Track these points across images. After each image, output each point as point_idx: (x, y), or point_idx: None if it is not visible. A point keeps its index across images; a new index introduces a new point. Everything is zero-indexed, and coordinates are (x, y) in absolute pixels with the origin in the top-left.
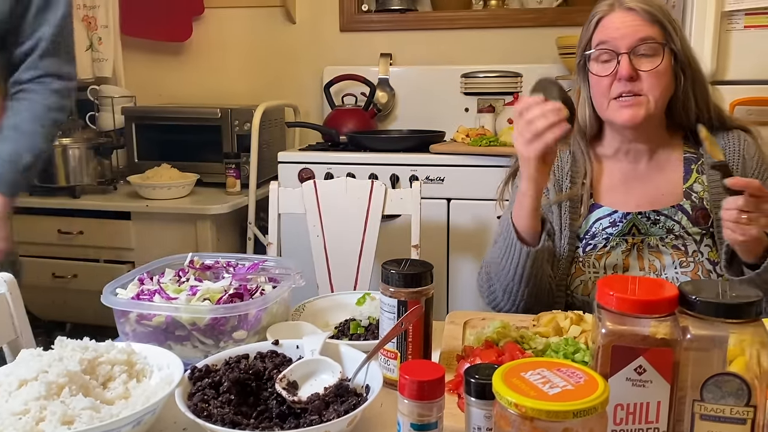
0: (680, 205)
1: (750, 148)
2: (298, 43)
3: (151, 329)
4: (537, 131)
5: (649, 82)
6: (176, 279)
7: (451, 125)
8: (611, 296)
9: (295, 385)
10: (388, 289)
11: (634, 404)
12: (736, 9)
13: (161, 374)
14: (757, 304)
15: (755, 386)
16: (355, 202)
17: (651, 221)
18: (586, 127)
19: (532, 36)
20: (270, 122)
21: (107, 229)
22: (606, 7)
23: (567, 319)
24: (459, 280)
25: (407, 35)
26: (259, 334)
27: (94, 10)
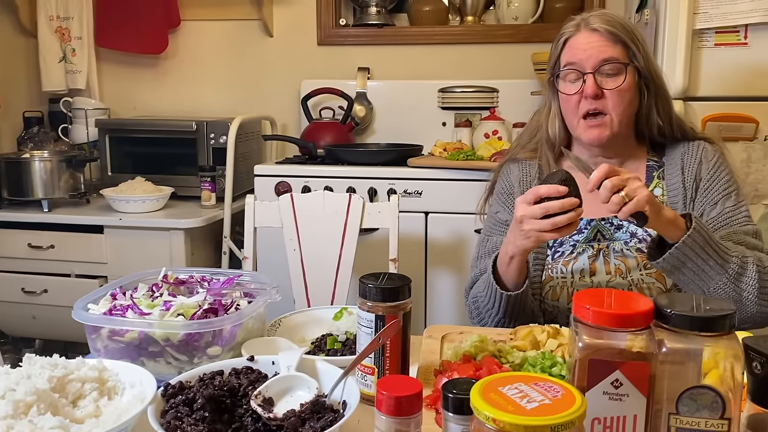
0: None
1: (708, 154)
2: (275, 56)
3: (123, 345)
4: (557, 224)
5: (613, 100)
6: (150, 294)
7: (429, 139)
8: (588, 310)
9: (270, 401)
10: (365, 303)
11: (610, 418)
12: (707, 27)
13: (133, 391)
14: (730, 317)
15: (729, 399)
16: (332, 215)
17: (615, 227)
18: (555, 140)
19: (508, 52)
20: (246, 135)
21: (79, 243)
22: (572, 28)
23: (544, 333)
24: (437, 294)
25: (385, 50)
26: (234, 350)
27: (67, 21)
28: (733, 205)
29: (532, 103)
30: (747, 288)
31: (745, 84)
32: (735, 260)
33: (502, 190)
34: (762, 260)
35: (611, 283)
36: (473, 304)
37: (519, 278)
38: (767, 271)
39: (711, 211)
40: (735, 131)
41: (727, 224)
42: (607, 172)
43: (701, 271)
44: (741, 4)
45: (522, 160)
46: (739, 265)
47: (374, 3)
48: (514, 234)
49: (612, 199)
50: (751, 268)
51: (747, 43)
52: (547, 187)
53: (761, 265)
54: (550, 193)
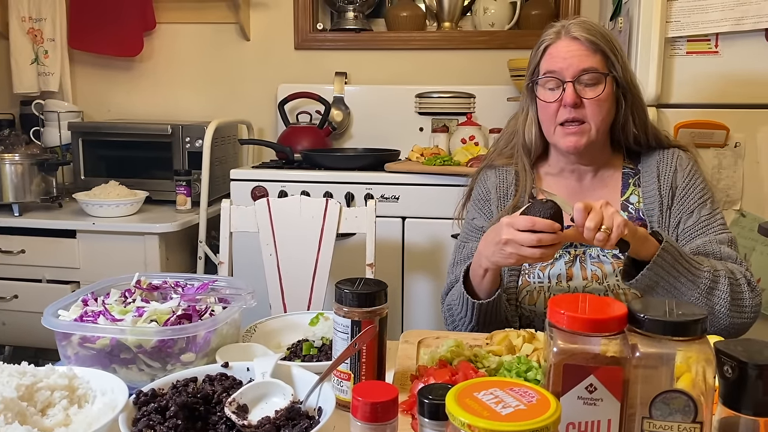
0: None
1: (683, 162)
2: (252, 60)
3: (94, 352)
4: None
5: (592, 109)
6: (122, 300)
7: (406, 144)
8: (562, 315)
9: (245, 408)
10: (341, 308)
11: (585, 422)
12: (679, 36)
13: (105, 399)
14: (702, 322)
15: (701, 403)
16: (309, 220)
17: None
18: (531, 146)
19: (484, 58)
20: (222, 139)
21: (51, 247)
22: (553, 35)
23: (520, 338)
24: (414, 299)
25: (362, 54)
26: (208, 356)
27: (40, 22)
28: (709, 213)
29: (509, 109)
30: (719, 301)
31: (716, 91)
32: (706, 275)
33: (479, 196)
34: (734, 272)
35: (587, 289)
36: (448, 310)
37: (492, 288)
38: (739, 283)
39: (688, 219)
40: (706, 138)
41: (703, 232)
42: (585, 208)
43: (674, 288)
44: (712, 13)
45: (499, 166)
46: (711, 279)
47: (352, 8)
48: (491, 250)
49: (597, 237)
50: (723, 282)
51: (718, 51)
52: (544, 223)
53: (733, 278)
54: (545, 229)
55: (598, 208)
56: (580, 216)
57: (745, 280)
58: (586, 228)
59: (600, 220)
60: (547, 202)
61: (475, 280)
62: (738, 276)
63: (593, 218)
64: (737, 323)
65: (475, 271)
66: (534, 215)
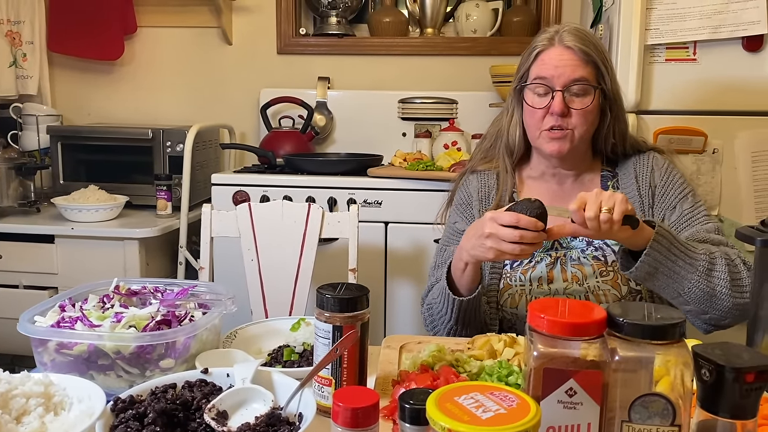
0: None
1: (659, 161)
2: (234, 64)
3: (71, 359)
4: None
5: (578, 119)
6: (100, 305)
7: (389, 149)
8: (542, 319)
9: (224, 415)
10: (322, 314)
11: (565, 426)
12: (658, 43)
13: (81, 406)
14: (680, 326)
15: (680, 405)
16: (291, 225)
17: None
18: (514, 147)
19: (467, 64)
20: (204, 143)
21: (29, 253)
22: (546, 41)
23: (501, 342)
24: (397, 304)
25: (345, 60)
26: (187, 362)
27: (18, 25)
28: (691, 206)
29: (491, 115)
30: (719, 282)
31: (695, 98)
32: (703, 257)
33: (461, 201)
34: (728, 254)
35: (568, 291)
36: (428, 311)
37: (473, 284)
38: (735, 264)
39: (671, 215)
40: (685, 144)
41: (689, 225)
42: (579, 205)
43: (673, 272)
44: (689, 21)
45: (481, 171)
46: (708, 260)
47: (334, 13)
48: (471, 243)
49: (601, 219)
50: (720, 262)
51: (696, 59)
52: (528, 220)
53: (729, 258)
54: (528, 227)
55: (593, 198)
56: (578, 214)
57: (741, 260)
58: (588, 219)
59: (598, 207)
60: (535, 201)
61: (456, 274)
62: (733, 257)
63: (591, 207)
64: (740, 303)
65: (455, 266)
66: (520, 212)
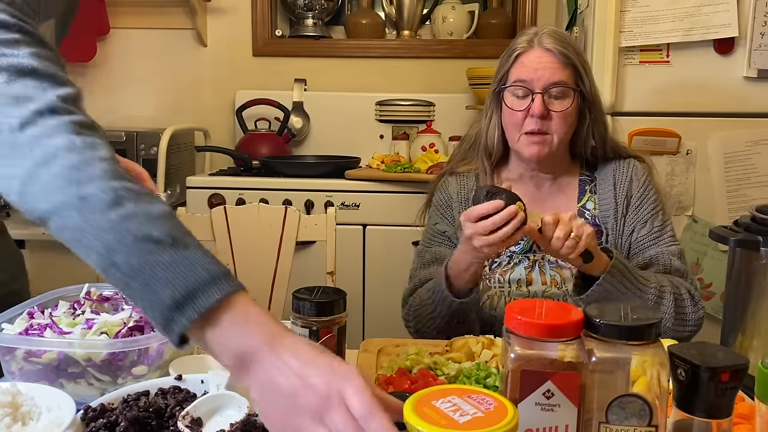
0: None
1: (639, 172)
2: (209, 66)
3: (40, 367)
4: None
5: (557, 121)
6: (71, 312)
7: (367, 151)
8: (519, 321)
9: (199, 422)
10: (299, 318)
11: (543, 429)
12: (632, 45)
13: (50, 416)
14: (656, 326)
15: (656, 406)
16: (267, 228)
17: None
18: (493, 149)
19: (443, 66)
20: (178, 146)
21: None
22: (525, 44)
23: (479, 344)
24: (375, 307)
25: (322, 62)
26: (161, 369)
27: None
28: (661, 225)
29: (468, 117)
30: (664, 316)
31: (669, 100)
32: (653, 290)
33: (441, 202)
34: (679, 288)
35: (547, 293)
36: (413, 312)
37: (471, 285)
38: (683, 298)
39: (641, 229)
40: (659, 145)
41: (655, 243)
42: (554, 221)
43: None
44: (663, 23)
45: (460, 173)
46: (657, 294)
47: (311, 15)
48: (465, 250)
49: (566, 244)
50: (668, 297)
51: (669, 61)
52: (482, 206)
53: (677, 293)
54: (489, 212)
55: (567, 220)
56: (550, 228)
57: (689, 295)
58: (556, 237)
59: (569, 231)
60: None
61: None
62: (682, 291)
63: (562, 228)
64: (680, 336)
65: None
66: (478, 203)
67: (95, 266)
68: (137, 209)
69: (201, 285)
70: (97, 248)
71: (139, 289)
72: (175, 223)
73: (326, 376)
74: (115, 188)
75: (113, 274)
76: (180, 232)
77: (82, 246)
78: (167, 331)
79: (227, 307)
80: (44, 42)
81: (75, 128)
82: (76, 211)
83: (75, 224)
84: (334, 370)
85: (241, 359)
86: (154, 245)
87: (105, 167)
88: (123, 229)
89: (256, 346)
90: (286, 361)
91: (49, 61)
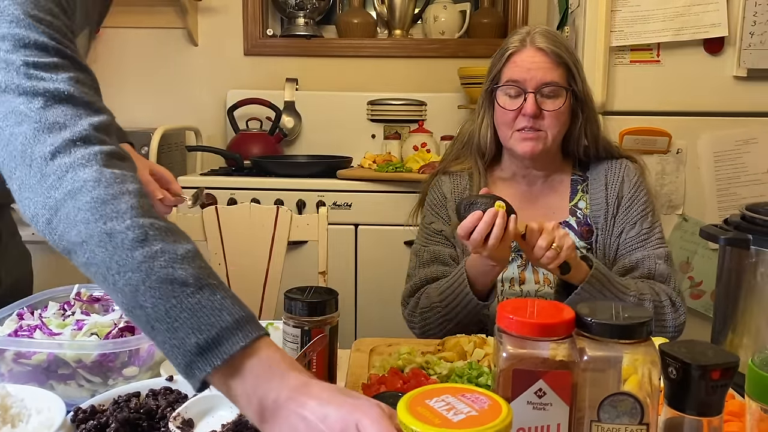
0: (567, 221)
1: (630, 172)
2: (200, 65)
3: (30, 368)
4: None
5: (550, 120)
6: (61, 313)
7: (358, 151)
8: (511, 320)
9: (190, 423)
10: (290, 318)
11: (535, 428)
12: (623, 45)
13: (40, 418)
14: (648, 324)
15: (647, 404)
16: (259, 228)
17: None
18: (486, 149)
19: (435, 66)
20: (169, 146)
21: None
22: (518, 43)
23: (471, 343)
24: (367, 307)
25: (313, 61)
26: (152, 370)
27: None
28: (649, 227)
29: (460, 117)
30: None
31: (659, 99)
32: (632, 299)
33: (435, 201)
34: (659, 295)
35: (540, 292)
36: (419, 314)
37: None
38: (663, 305)
39: (630, 230)
40: (650, 145)
41: (643, 245)
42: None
43: None
44: (653, 23)
45: (453, 172)
46: (636, 302)
47: (302, 14)
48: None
49: (547, 255)
50: (648, 306)
51: (659, 60)
52: (465, 222)
53: (657, 300)
54: (474, 224)
55: (550, 229)
56: (534, 235)
57: (670, 302)
58: (538, 246)
59: (551, 240)
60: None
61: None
62: (663, 298)
63: (546, 238)
64: None
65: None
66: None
67: (119, 305)
68: (164, 248)
69: (226, 331)
70: (121, 287)
71: (163, 331)
72: (200, 264)
73: (343, 410)
74: (142, 225)
75: (138, 315)
76: (205, 273)
77: (107, 282)
78: (188, 376)
79: (251, 354)
80: (82, 66)
81: (105, 159)
82: (102, 247)
83: (100, 260)
84: (351, 405)
85: (264, 408)
86: (180, 288)
87: (133, 202)
88: (148, 269)
89: (280, 396)
90: (307, 406)
91: (86, 87)
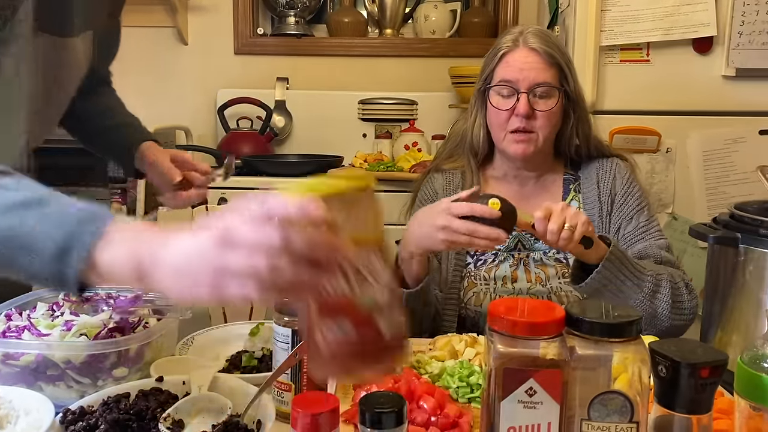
0: None
1: (622, 170)
2: (190, 64)
3: (18, 370)
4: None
5: (542, 121)
6: (49, 313)
7: (350, 150)
8: (502, 319)
9: (180, 423)
10: (281, 318)
11: (526, 426)
12: (612, 44)
13: (28, 419)
14: (637, 323)
15: (637, 402)
16: None
17: (535, 237)
18: (478, 148)
19: (426, 65)
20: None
21: None
22: (510, 43)
23: (462, 342)
24: None
25: (304, 60)
26: (141, 370)
27: None
28: (647, 220)
29: (450, 116)
30: (661, 304)
31: (649, 99)
32: (650, 279)
33: (427, 198)
34: (674, 277)
35: (532, 291)
36: None
37: (420, 274)
38: (678, 287)
39: (627, 225)
40: (640, 144)
41: (642, 238)
42: (545, 215)
43: (619, 291)
44: (643, 23)
45: (446, 170)
46: (654, 283)
47: (293, 13)
48: (422, 233)
49: (562, 236)
50: (665, 285)
51: (649, 59)
52: (483, 208)
53: (673, 281)
54: (484, 215)
55: (558, 211)
56: (542, 223)
57: (684, 284)
58: (550, 230)
59: (562, 222)
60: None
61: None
62: (677, 280)
63: (555, 220)
64: (677, 324)
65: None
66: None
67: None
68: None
69: (78, 224)
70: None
71: (16, 248)
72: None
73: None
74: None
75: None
76: (42, 192)
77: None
78: (63, 283)
79: (114, 230)
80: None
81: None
82: None
83: None
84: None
85: (140, 264)
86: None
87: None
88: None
89: (154, 248)
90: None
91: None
